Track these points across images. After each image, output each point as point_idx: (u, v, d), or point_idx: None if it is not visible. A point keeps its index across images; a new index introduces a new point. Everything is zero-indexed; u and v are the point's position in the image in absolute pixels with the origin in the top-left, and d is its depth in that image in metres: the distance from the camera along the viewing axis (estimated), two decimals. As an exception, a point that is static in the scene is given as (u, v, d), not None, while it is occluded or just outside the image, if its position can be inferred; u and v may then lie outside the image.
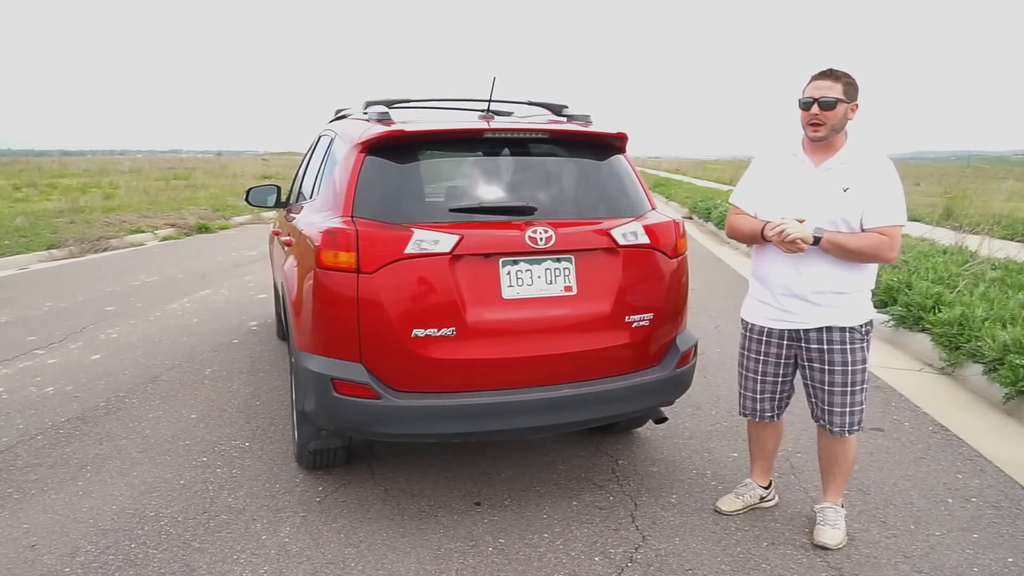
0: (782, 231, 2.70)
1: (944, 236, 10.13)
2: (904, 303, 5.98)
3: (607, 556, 2.81)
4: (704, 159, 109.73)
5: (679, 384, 3.30)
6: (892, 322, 5.98)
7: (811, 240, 2.68)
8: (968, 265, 7.39)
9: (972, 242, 9.00)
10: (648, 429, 4.02)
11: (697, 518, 3.11)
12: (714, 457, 3.72)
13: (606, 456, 3.72)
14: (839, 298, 2.78)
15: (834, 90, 2.68)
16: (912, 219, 13.63)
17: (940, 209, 14.18)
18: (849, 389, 2.83)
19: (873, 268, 2.83)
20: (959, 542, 2.91)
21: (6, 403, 4.44)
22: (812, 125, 2.71)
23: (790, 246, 2.70)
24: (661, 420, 3.64)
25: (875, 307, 2.92)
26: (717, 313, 6.78)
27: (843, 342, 2.81)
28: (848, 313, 2.79)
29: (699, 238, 13.11)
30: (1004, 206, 15.16)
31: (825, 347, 2.83)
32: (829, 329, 2.81)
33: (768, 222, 2.80)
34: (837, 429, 2.87)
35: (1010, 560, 2.79)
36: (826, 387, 2.86)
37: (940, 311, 5.53)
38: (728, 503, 3.15)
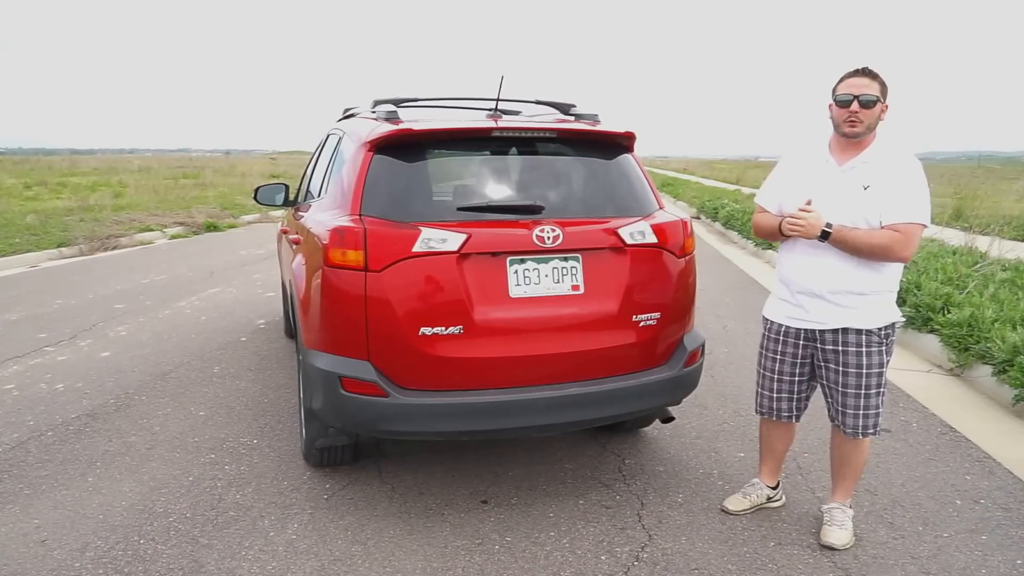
0: (794, 221, 2.73)
1: (954, 237, 10.07)
2: (913, 304, 5.96)
3: (613, 555, 2.81)
4: (712, 159, 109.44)
5: (686, 384, 3.29)
6: (901, 323, 5.95)
7: (819, 232, 2.69)
8: (978, 266, 7.35)
9: (982, 243, 8.96)
10: (655, 428, 4.02)
11: (704, 517, 3.10)
12: (721, 457, 3.71)
13: (613, 455, 3.72)
14: (857, 299, 2.76)
15: (872, 88, 2.67)
16: (922, 219, 13.56)
17: (950, 210, 14.11)
18: (863, 392, 2.81)
19: (895, 268, 2.78)
20: (967, 544, 2.90)
21: (17, 399, 4.47)
22: (849, 122, 2.70)
23: (799, 229, 2.72)
24: (668, 419, 3.64)
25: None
26: (725, 313, 6.76)
27: (858, 344, 2.79)
28: (866, 315, 2.77)
29: (707, 238, 13.08)
30: (1015, 207, 15.06)
31: (840, 348, 2.81)
32: (845, 331, 2.79)
33: (785, 217, 2.82)
34: (850, 431, 2.86)
35: (1019, 563, 2.78)
36: (840, 388, 2.84)
37: (949, 312, 5.50)
38: (735, 503, 3.15)
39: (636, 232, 3.09)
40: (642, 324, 3.09)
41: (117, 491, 3.30)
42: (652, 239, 3.12)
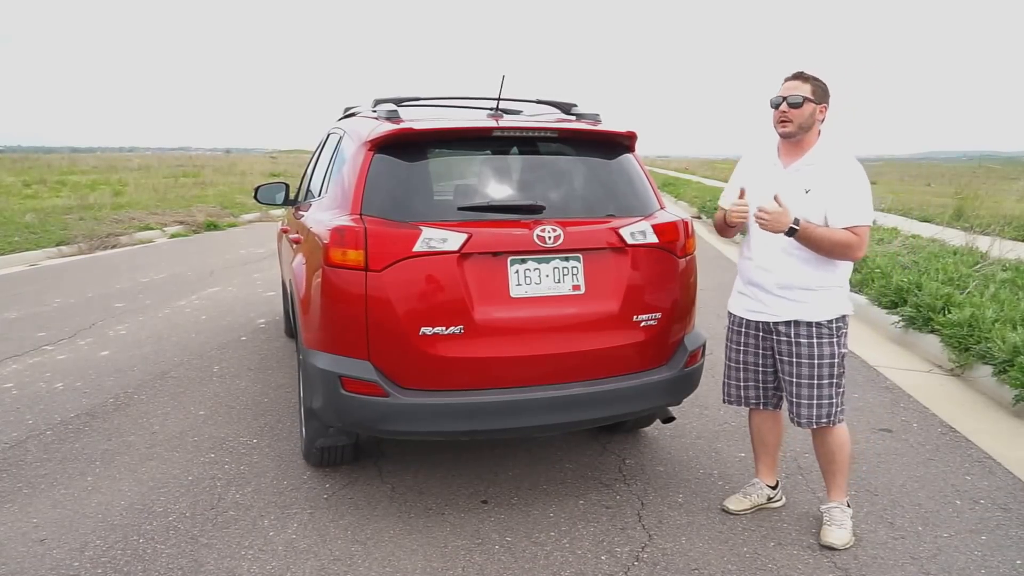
0: (759, 214, 2.75)
1: (955, 237, 10.07)
2: (914, 304, 5.95)
3: (613, 555, 2.81)
4: (713, 158, 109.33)
5: (687, 384, 3.30)
6: (902, 323, 5.95)
7: (786, 228, 2.71)
8: (979, 266, 7.35)
9: (983, 243, 8.96)
10: (655, 429, 4.02)
11: (704, 518, 3.10)
12: (721, 457, 3.71)
13: (613, 455, 3.72)
14: (806, 294, 2.85)
15: (802, 89, 2.79)
16: (922, 220, 13.58)
17: (951, 210, 14.10)
18: (816, 382, 2.87)
19: (843, 265, 2.87)
20: (967, 544, 2.90)
21: (16, 398, 4.47)
22: (781, 122, 2.82)
23: (764, 222, 2.74)
24: (668, 420, 3.64)
25: (885, 308, 2.93)
26: (725, 313, 6.75)
27: (809, 336, 2.87)
28: (815, 309, 2.85)
29: (708, 238, 13.05)
30: (1016, 207, 15.05)
31: (793, 340, 2.89)
32: (797, 323, 2.88)
33: (729, 208, 2.92)
34: (804, 421, 2.91)
35: (1019, 563, 2.78)
36: (793, 379, 2.91)
37: (950, 312, 5.50)
38: (735, 503, 3.15)
39: (637, 232, 3.09)
40: (643, 324, 3.08)
41: (116, 490, 3.30)
42: (653, 239, 3.12)
